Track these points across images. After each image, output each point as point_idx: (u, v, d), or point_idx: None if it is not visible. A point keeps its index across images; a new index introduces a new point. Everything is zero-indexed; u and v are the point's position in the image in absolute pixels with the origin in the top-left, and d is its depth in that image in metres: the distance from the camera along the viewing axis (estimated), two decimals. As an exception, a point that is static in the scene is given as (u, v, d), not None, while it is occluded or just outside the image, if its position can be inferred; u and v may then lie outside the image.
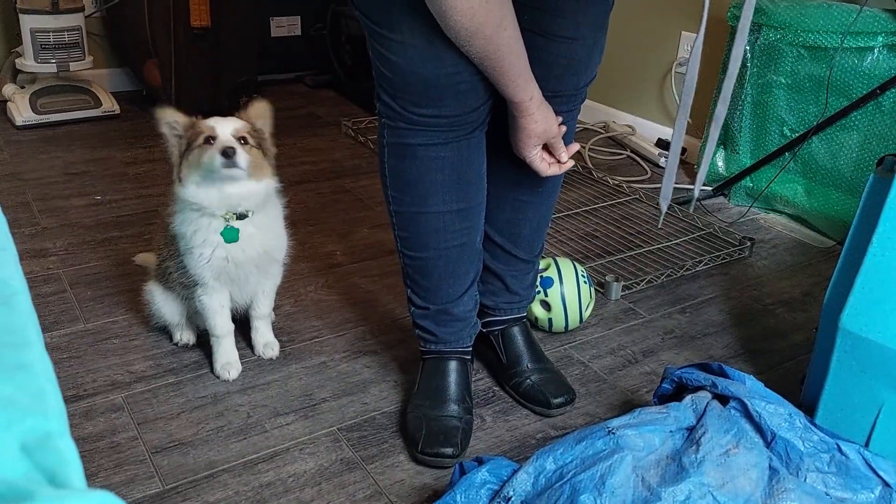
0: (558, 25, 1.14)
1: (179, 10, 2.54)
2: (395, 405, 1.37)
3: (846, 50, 1.96)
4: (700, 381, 1.16)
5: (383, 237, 1.99)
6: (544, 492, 1.00)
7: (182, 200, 1.30)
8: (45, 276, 1.73)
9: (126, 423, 1.30)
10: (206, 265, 1.33)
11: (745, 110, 2.22)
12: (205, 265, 1.33)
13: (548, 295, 1.54)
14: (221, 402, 1.36)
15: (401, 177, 1.19)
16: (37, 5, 2.56)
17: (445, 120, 1.12)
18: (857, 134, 2.00)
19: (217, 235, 1.30)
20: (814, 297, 1.81)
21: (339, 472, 1.22)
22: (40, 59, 2.60)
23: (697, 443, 1.04)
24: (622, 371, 1.51)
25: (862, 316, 1.16)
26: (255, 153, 1.28)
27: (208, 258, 1.32)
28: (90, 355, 1.47)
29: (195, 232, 1.31)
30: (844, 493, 1.03)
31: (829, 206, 2.08)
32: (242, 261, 1.34)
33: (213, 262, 1.33)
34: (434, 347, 1.33)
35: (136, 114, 2.85)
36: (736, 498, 0.98)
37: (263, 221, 1.34)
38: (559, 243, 1.99)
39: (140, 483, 1.17)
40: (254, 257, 1.35)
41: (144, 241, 1.89)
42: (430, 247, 1.24)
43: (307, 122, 2.88)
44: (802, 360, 1.55)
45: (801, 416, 1.10)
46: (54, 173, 2.30)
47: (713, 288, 1.83)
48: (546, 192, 1.32)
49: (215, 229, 1.30)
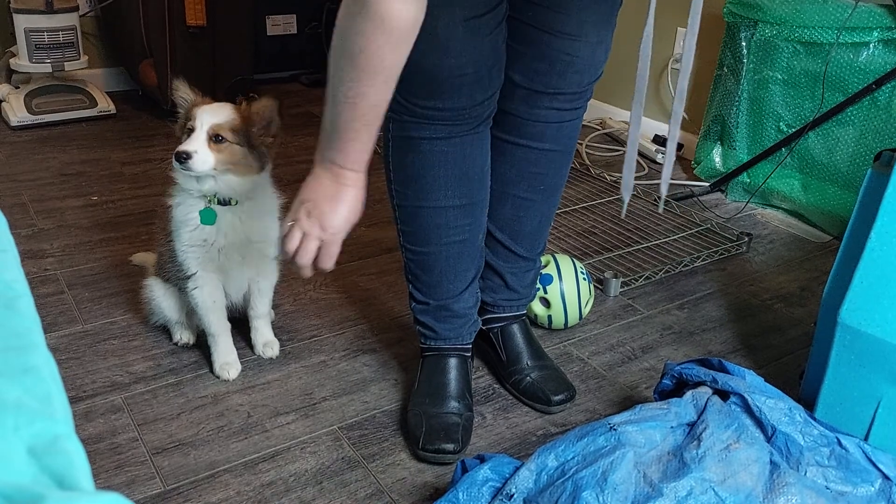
0: (561, 22, 1.14)
1: (175, 9, 2.53)
2: (395, 403, 1.37)
3: (842, 45, 1.96)
4: (700, 377, 1.17)
5: (381, 235, 1.99)
6: (546, 488, 1.00)
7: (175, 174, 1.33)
8: (42, 277, 1.73)
9: (126, 423, 1.29)
10: (188, 246, 1.34)
11: (742, 106, 2.22)
12: (188, 247, 1.34)
13: (547, 292, 1.54)
14: (222, 402, 1.36)
15: (404, 171, 1.19)
16: (31, 5, 2.55)
17: (449, 113, 1.12)
18: (853, 129, 2.01)
19: (197, 215, 1.32)
20: (811, 291, 1.82)
21: (340, 470, 1.22)
22: (35, 59, 2.59)
23: (698, 438, 1.04)
24: (621, 367, 1.51)
25: (860, 310, 1.17)
26: (234, 150, 1.28)
27: (188, 239, 1.33)
28: (89, 356, 1.46)
29: (179, 205, 1.33)
30: (845, 487, 1.03)
31: (825, 201, 2.08)
32: (224, 246, 1.35)
33: (193, 243, 1.33)
34: (434, 344, 1.33)
35: (131, 113, 2.84)
36: (737, 493, 0.98)
37: (250, 212, 1.34)
38: (558, 240, 2.00)
39: (141, 484, 1.17)
40: (236, 244, 1.35)
41: (142, 241, 1.88)
42: (432, 242, 1.24)
43: (303, 121, 2.87)
44: (801, 355, 1.56)
45: (800, 411, 1.10)
46: (50, 174, 2.29)
47: (711, 284, 1.84)
48: (548, 190, 1.32)
49: (198, 209, 1.32)
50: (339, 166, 1.01)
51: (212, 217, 1.31)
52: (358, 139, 0.98)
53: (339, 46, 0.94)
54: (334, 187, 1.02)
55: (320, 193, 1.02)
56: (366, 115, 0.97)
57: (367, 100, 0.95)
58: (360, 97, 0.95)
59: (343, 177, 1.01)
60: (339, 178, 1.01)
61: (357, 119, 0.96)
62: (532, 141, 1.25)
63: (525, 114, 1.22)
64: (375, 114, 0.97)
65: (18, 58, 2.61)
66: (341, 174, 1.01)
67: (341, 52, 0.94)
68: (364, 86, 0.94)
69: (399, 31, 0.90)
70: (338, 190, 1.02)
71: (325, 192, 1.02)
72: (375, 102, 0.96)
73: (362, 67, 0.92)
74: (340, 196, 1.02)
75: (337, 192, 1.02)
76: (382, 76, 0.94)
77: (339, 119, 0.97)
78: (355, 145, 0.99)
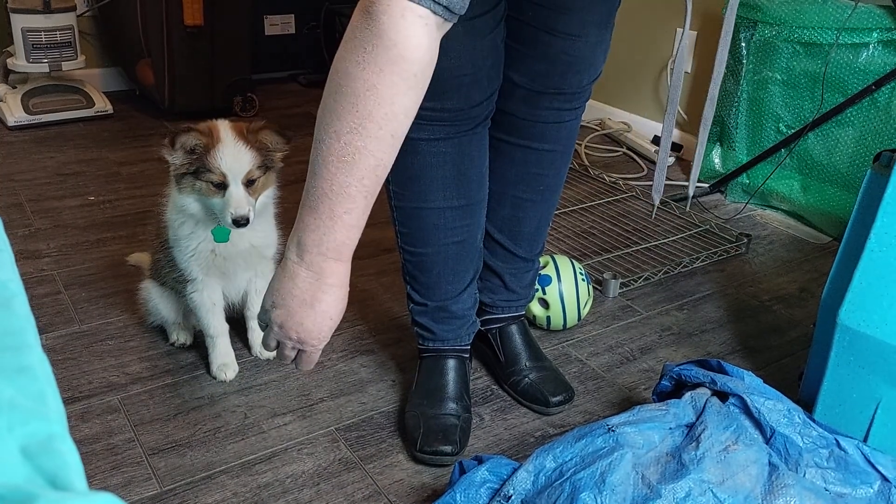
0: (563, 22, 1.13)
1: (172, 8, 2.53)
2: (393, 404, 1.37)
3: (841, 46, 1.96)
4: (699, 378, 1.16)
5: (379, 235, 1.98)
6: (544, 490, 1.00)
7: (176, 200, 1.29)
8: (38, 277, 1.72)
9: (122, 424, 1.29)
10: (193, 258, 1.33)
11: (741, 107, 2.22)
12: (191, 258, 1.33)
13: (546, 293, 1.54)
14: (218, 403, 1.35)
15: (402, 171, 1.19)
16: (28, 5, 2.54)
17: (448, 114, 1.12)
18: (852, 130, 2.01)
19: (204, 229, 1.31)
20: (810, 293, 1.82)
21: (337, 472, 1.21)
22: (32, 58, 2.58)
23: (697, 439, 1.04)
24: (620, 368, 1.50)
25: (860, 311, 1.16)
26: (264, 181, 1.29)
27: (193, 251, 1.32)
28: (85, 357, 1.46)
29: (182, 223, 1.31)
30: (843, 488, 1.03)
31: (825, 202, 2.08)
32: (231, 254, 1.34)
33: (199, 255, 1.33)
34: (432, 345, 1.33)
35: (128, 114, 2.84)
36: (736, 494, 0.97)
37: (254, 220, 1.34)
38: (557, 241, 1.99)
39: (137, 485, 1.16)
40: (242, 251, 1.35)
41: (139, 241, 1.88)
42: (430, 243, 1.23)
43: (301, 121, 2.87)
44: (800, 356, 1.56)
45: (799, 412, 1.10)
46: (47, 174, 2.28)
47: (710, 285, 1.83)
48: (547, 191, 1.32)
49: (205, 228, 1.31)
50: (323, 256, 0.82)
51: (226, 235, 1.30)
52: (351, 213, 0.80)
53: (338, 87, 0.77)
54: (312, 289, 0.84)
55: (296, 299, 0.84)
56: (364, 180, 0.79)
57: (369, 159, 0.78)
58: (360, 154, 0.77)
59: (325, 273, 0.83)
60: (321, 276, 0.83)
61: (353, 184, 0.78)
62: (531, 141, 1.25)
63: (524, 114, 1.22)
64: (375, 179, 0.79)
65: (15, 57, 2.61)
66: (323, 269, 0.83)
67: (341, 93, 0.76)
68: (368, 138, 0.77)
69: (417, 64, 0.76)
70: (317, 292, 0.84)
71: (301, 297, 0.84)
72: (378, 163, 0.78)
73: (368, 113, 0.76)
74: (320, 300, 0.84)
75: (315, 296, 0.84)
76: (390, 127, 0.78)
77: (331, 186, 0.78)
78: (346, 221, 0.80)
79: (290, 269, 0.85)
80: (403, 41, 0.75)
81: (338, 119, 0.77)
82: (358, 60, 0.76)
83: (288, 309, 0.86)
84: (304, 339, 0.87)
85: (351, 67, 0.77)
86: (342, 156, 0.77)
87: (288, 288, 0.85)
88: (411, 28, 0.75)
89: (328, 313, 0.86)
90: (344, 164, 0.77)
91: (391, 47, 0.75)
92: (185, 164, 1.24)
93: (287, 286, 0.85)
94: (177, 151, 1.23)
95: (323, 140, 0.79)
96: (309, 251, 0.83)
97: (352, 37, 0.78)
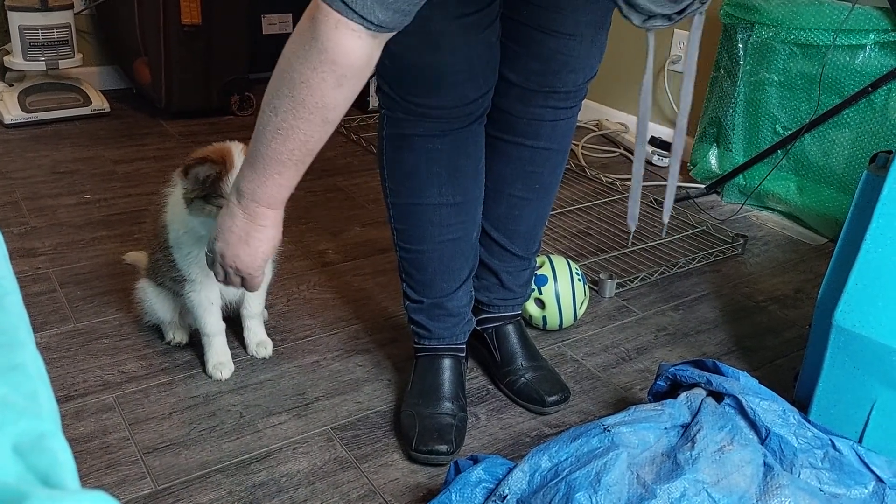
0: (557, 22, 1.13)
1: (170, 7, 2.52)
2: (388, 404, 1.37)
3: (838, 48, 1.96)
4: (694, 379, 1.16)
5: (376, 235, 1.98)
6: (540, 490, 1.00)
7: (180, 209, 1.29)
8: (34, 275, 1.72)
9: (117, 423, 1.29)
10: (194, 261, 1.33)
11: (738, 108, 2.22)
12: (192, 261, 1.33)
13: (542, 293, 1.54)
14: (214, 402, 1.35)
15: (398, 168, 1.19)
16: (26, 2, 2.54)
17: (443, 111, 1.12)
18: (848, 131, 2.01)
19: (204, 231, 1.30)
20: (806, 293, 1.82)
21: (332, 471, 1.21)
22: (29, 56, 2.58)
23: (692, 440, 1.04)
24: (616, 368, 1.51)
25: (855, 312, 1.17)
26: None
27: (195, 253, 1.32)
28: (81, 355, 1.46)
29: (185, 232, 1.31)
30: (838, 489, 1.03)
31: (821, 203, 2.08)
32: None
33: (201, 258, 1.32)
34: (428, 343, 1.33)
35: (125, 112, 2.83)
36: (731, 494, 0.98)
37: None
38: (553, 241, 1.99)
39: (132, 484, 1.16)
40: None
41: (134, 239, 1.88)
42: (426, 240, 1.23)
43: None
44: (795, 357, 1.56)
45: (794, 413, 1.10)
46: (43, 172, 2.28)
47: (706, 285, 1.84)
48: (543, 189, 1.32)
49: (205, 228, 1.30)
50: (256, 202, 0.96)
51: None
52: (282, 175, 0.93)
53: (282, 72, 0.88)
54: (248, 228, 0.98)
55: (234, 235, 0.99)
56: (295, 152, 0.91)
57: (299, 135, 0.90)
58: (293, 130, 0.89)
59: (259, 216, 0.97)
60: (255, 218, 0.97)
61: (285, 153, 0.91)
62: (527, 139, 1.25)
63: (520, 112, 1.22)
64: (306, 151, 0.91)
65: (12, 55, 2.60)
66: (257, 213, 0.97)
67: (282, 78, 0.88)
68: (300, 119, 0.89)
69: (347, 68, 0.85)
70: (251, 231, 0.98)
71: (238, 234, 0.99)
72: (307, 139, 0.90)
73: (301, 100, 0.87)
74: (253, 237, 0.98)
75: (250, 234, 0.98)
76: (321, 115, 0.88)
77: (267, 150, 0.91)
78: (278, 181, 0.94)
79: (231, 209, 0.99)
80: (334, 48, 0.85)
81: (277, 98, 0.89)
82: (298, 55, 0.87)
83: (227, 242, 1.01)
84: (240, 268, 1.03)
85: (292, 59, 0.88)
86: (278, 129, 0.90)
87: (228, 225, 1.00)
88: (343, 38, 0.84)
89: (260, 248, 1.01)
90: (279, 136, 0.90)
91: (323, 51, 0.85)
92: (197, 189, 1.24)
93: (228, 224, 1.00)
94: (189, 180, 1.23)
95: (265, 111, 0.92)
96: (245, 197, 0.97)
97: (298, 32, 0.88)
